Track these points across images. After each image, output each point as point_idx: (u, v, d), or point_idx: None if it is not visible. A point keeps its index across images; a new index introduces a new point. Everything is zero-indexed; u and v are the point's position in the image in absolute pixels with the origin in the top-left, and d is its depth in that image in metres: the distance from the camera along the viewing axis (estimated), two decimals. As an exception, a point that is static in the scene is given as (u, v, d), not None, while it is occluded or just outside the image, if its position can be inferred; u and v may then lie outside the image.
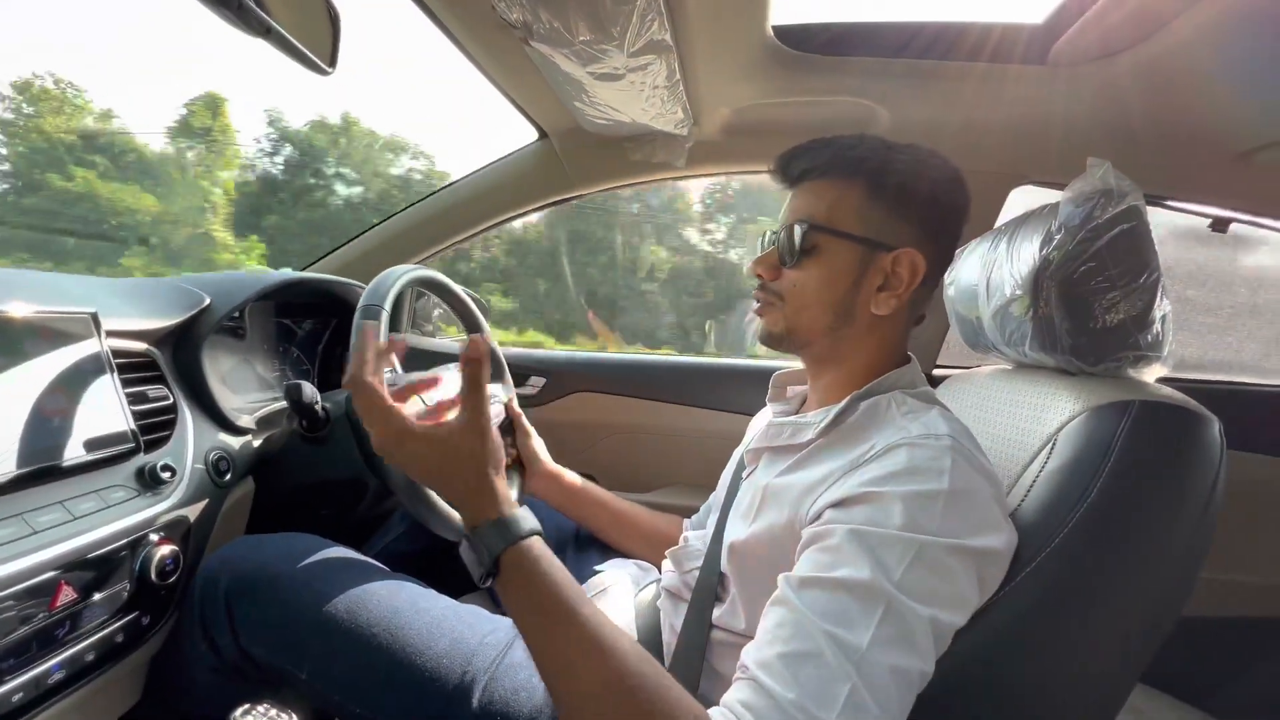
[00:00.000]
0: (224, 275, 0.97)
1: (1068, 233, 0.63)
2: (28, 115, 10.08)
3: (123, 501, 0.62)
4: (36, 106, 10.06)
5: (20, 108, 10.12)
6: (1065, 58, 0.85)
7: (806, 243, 0.63)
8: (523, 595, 0.50)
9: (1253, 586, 1.22)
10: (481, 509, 0.53)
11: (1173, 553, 0.54)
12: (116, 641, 0.60)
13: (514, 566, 0.50)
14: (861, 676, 0.43)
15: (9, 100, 10.12)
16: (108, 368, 0.64)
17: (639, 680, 0.46)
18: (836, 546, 0.49)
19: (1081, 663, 0.55)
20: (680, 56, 0.85)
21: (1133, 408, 0.56)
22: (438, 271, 0.92)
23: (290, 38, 0.57)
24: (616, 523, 0.95)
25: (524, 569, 0.50)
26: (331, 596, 0.65)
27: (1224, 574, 1.18)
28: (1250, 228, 1.22)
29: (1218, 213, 1.18)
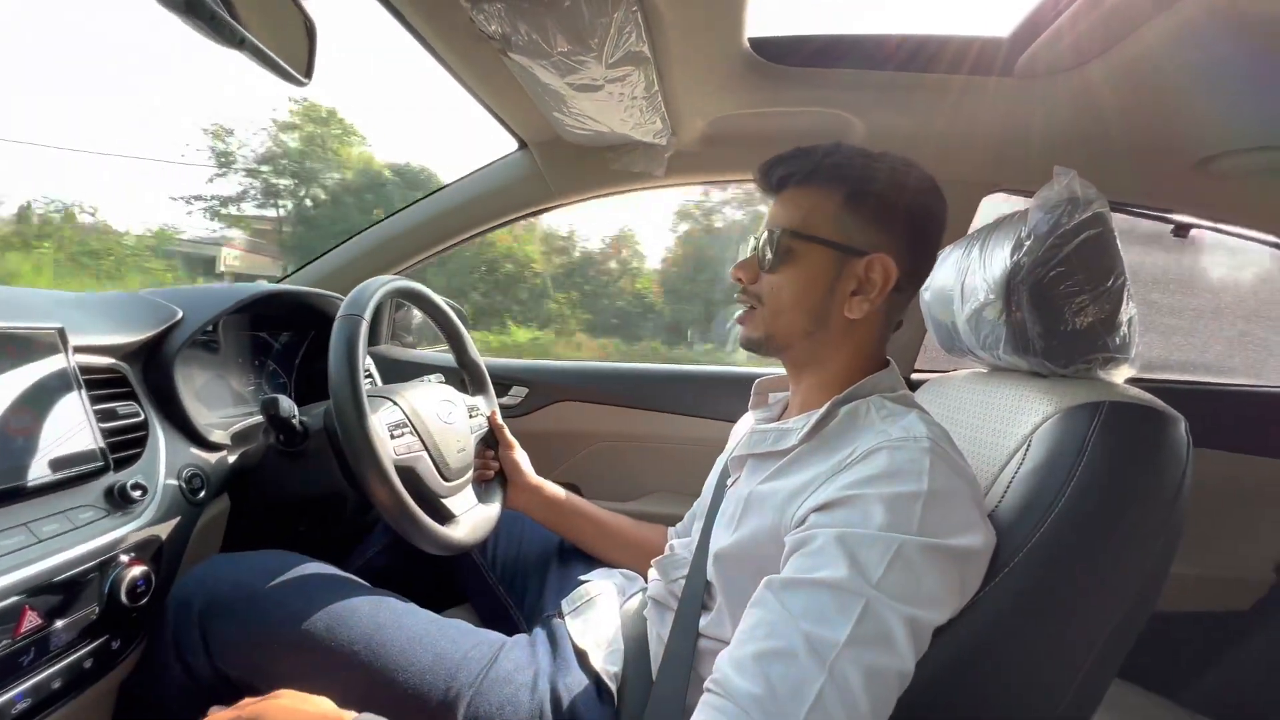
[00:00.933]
0: (197, 288, 0.95)
1: (1037, 239, 0.64)
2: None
3: (91, 522, 0.60)
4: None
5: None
6: (1031, 70, 0.87)
7: (783, 248, 0.64)
8: None
9: (1220, 580, 1.26)
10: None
11: (1146, 548, 0.55)
12: (85, 667, 0.58)
13: None
14: (832, 675, 0.44)
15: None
16: (75, 384, 0.62)
17: None
18: (819, 550, 0.49)
19: (1061, 659, 0.56)
20: (658, 68, 0.86)
21: (1103, 408, 0.58)
22: (417, 282, 0.92)
23: (265, 49, 0.56)
24: (601, 534, 0.95)
25: None
26: (310, 614, 0.63)
27: (1191, 569, 1.21)
28: (1210, 233, 1.26)
29: (1180, 219, 1.22)
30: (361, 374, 0.70)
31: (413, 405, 0.82)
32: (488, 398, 1.04)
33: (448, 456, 0.83)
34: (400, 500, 0.70)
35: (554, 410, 1.36)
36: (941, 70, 0.92)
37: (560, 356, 4.87)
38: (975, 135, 1.06)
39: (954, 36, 0.89)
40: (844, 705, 0.43)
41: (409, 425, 0.80)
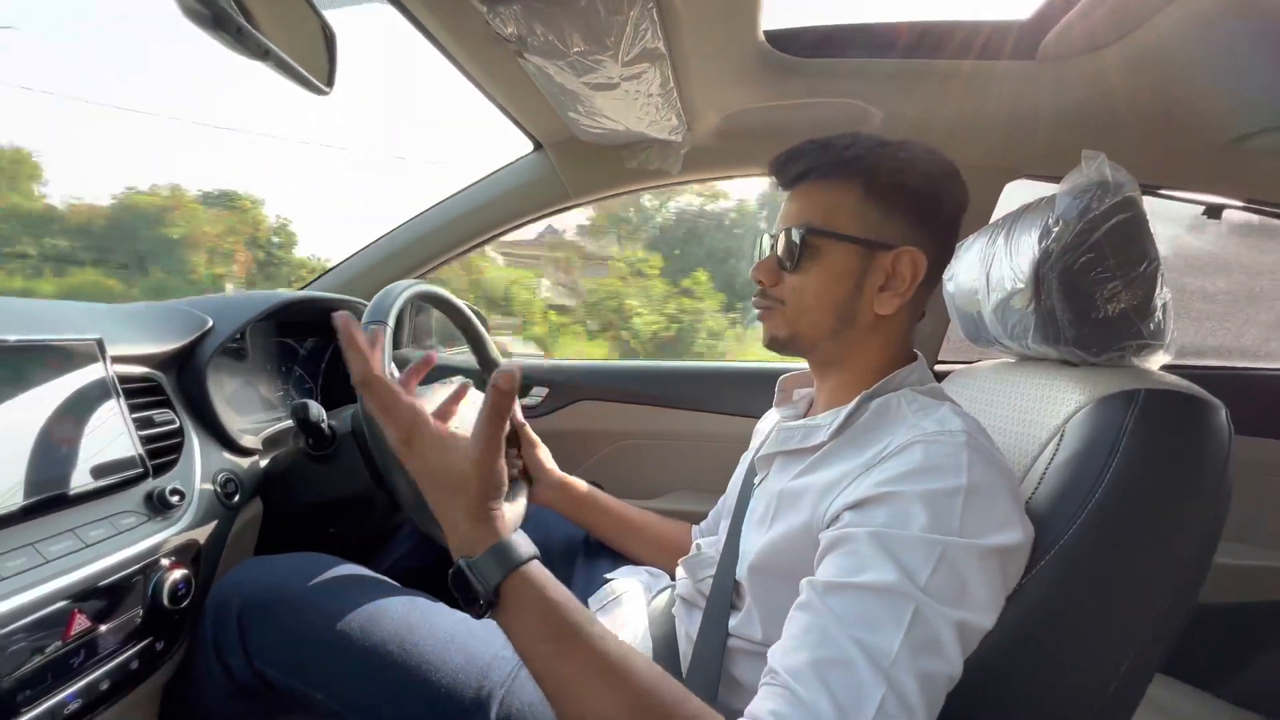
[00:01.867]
0: (224, 297, 0.97)
1: (1066, 225, 0.63)
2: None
3: (133, 527, 0.62)
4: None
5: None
6: (1054, 52, 0.85)
7: (805, 246, 0.63)
8: (527, 624, 0.48)
9: (1262, 571, 1.22)
10: (479, 537, 0.50)
11: (1187, 539, 0.54)
12: (131, 668, 0.60)
13: (516, 595, 0.48)
14: (891, 683, 0.43)
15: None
16: (114, 393, 0.64)
17: (656, 699, 0.45)
18: (859, 550, 0.49)
19: (1101, 654, 0.55)
20: (673, 64, 0.86)
21: (1139, 396, 0.57)
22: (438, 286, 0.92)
23: (288, 59, 0.57)
24: (625, 530, 0.95)
25: (527, 596, 0.48)
26: (344, 615, 0.64)
27: (1234, 559, 1.18)
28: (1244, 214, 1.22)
29: (1211, 200, 1.19)
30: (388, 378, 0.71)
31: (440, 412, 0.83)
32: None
33: None
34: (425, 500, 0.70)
35: (574, 409, 1.37)
36: (960, 55, 0.90)
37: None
38: (996, 121, 1.04)
39: (973, 21, 0.88)
40: (904, 712, 0.43)
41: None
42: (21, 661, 0.49)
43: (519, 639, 0.49)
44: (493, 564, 0.49)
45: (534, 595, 0.48)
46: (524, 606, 0.48)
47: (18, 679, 0.49)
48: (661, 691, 0.46)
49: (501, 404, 0.50)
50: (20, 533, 0.53)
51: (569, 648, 0.47)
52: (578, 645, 0.47)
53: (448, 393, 0.88)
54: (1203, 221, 1.22)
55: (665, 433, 1.36)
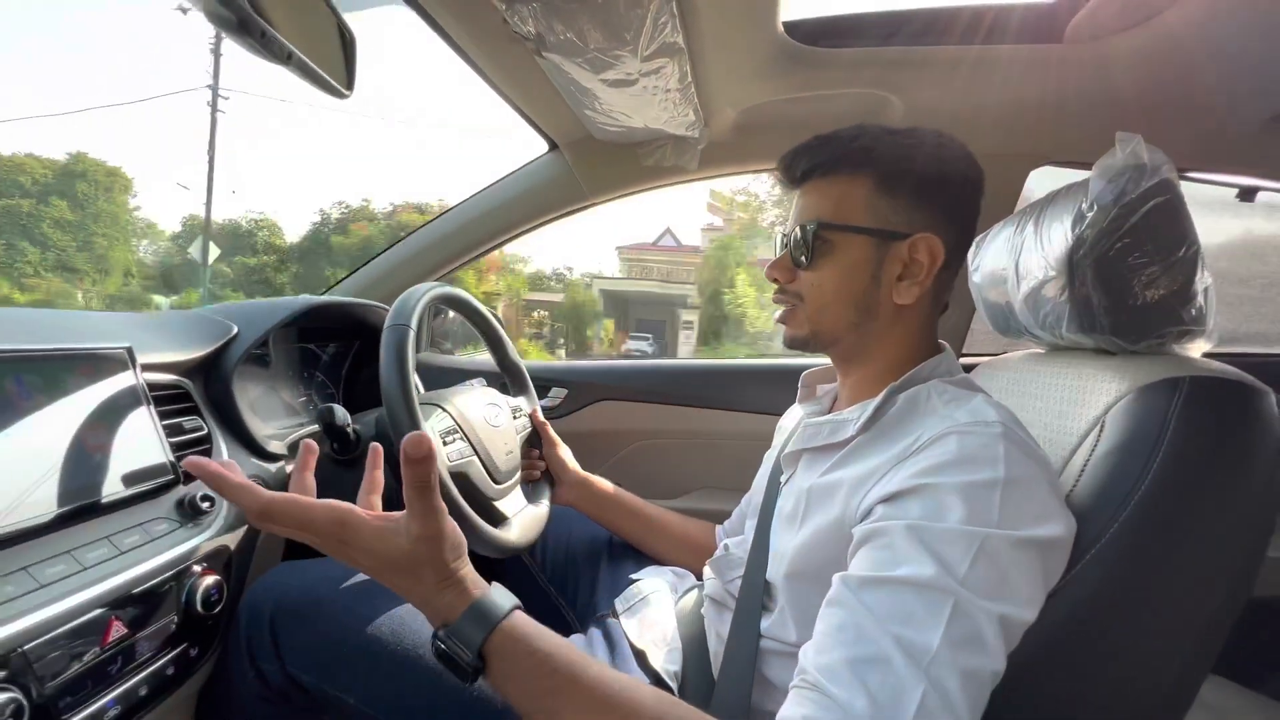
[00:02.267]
0: (247, 304, 0.98)
1: (1100, 210, 0.61)
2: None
3: (166, 534, 0.62)
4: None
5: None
6: (1081, 34, 0.83)
7: (818, 241, 0.62)
8: (520, 681, 0.46)
9: None
10: (451, 604, 0.47)
11: (1239, 532, 0.52)
12: (167, 674, 0.60)
13: (502, 653, 0.46)
14: (932, 681, 0.42)
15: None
16: (144, 400, 0.65)
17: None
18: (894, 544, 0.47)
19: (1150, 652, 0.53)
20: (692, 58, 0.85)
21: (1184, 384, 0.55)
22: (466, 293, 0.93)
23: (310, 62, 0.57)
24: (649, 529, 0.95)
25: (516, 652, 0.46)
26: (375, 619, 0.65)
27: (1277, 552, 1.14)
28: (1279, 195, 1.19)
29: (1245, 181, 1.16)
30: (413, 383, 0.71)
31: (461, 411, 0.83)
32: (529, 398, 1.05)
33: (497, 459, 0.84)
34: (455, 505, 0.70)
35: (594, 410, 1.37)
36: (984, 41, 0.88)
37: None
38: (1021, 106, 1.02)
39: (997, 4, 0.86)
40: (946, 711, 0.41)
41: (459, 431, 0.81)
42: (62, 668, 0.50)
43: (516, 699, 0.47)
44: (471, 626, 0.46)
45: (522, 650, 0.46)
46: (514, 663, 0.46)
47: (58, 686, 0.49)
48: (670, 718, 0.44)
49: (419, 473, 0.45)
50: (56, 541, 0.53)
51: (569, 697, 0.45)
52: (578, 692, 0.45)
53: (469, 396, 0.88)
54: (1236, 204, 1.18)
55: (686, 431, 1.35)
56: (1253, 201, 1.18)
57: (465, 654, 0.45)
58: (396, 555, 0.47)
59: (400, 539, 0.47)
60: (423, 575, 0.47)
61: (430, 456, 0.46)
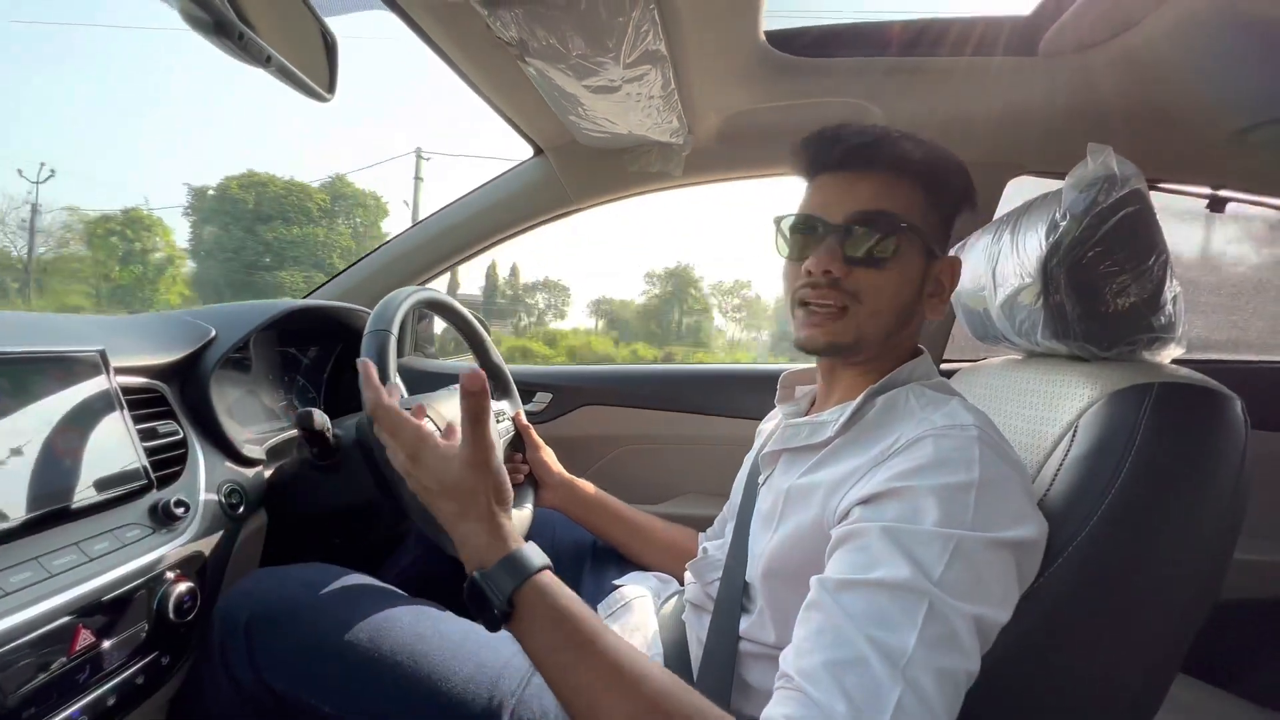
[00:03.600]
0: (227, 306, 0.97)
1: (1073, 219, 0.63)
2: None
3: (137, 540, 0.61)
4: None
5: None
6: (1056, 47, 0.85)
7: (889, 239, 0.59)
8: (542, 634, 0.49)
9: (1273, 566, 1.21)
10: (490, 548, 0.51)
11: (1206, 534, 0.53)
12: (137, 683, 0.59)
13: (530, 605, 0.49)
14: (909, 682, 0.42)
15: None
16: (117, 405, 0.64)
17: (671, 704, 0.45)
18: (870, 546, 0.48)
19: (1121, 652, 0.54)
20: (675, 65, 0.85)
21: (1153, 390, 0.56)
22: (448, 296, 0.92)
23: (290, 65, 0.57)
24: (633, 534, 0.95)
25: (541, 606, 0.49)
26: (352, 625, 0.64)
27: (1249, 554, 1.17)
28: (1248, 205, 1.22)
29: (1214, 193, 1.18)
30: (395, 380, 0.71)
31: (443, 415, 0.82)
32: (512, 401, 1.04)
33: None
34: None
35: (579, 415, 1.36)
36: (963, 53, 0.90)
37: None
38: (999, 118, 1.04)
39: (975, 17, 0.88)
40: (922, 712, 0.42)
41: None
42: (26, 678, 0.49)
43: (534, 649, 0.49)
44: (506, 575, 0.50)
45: (548, 605, 0.49)
46: (538, 616, 0.49)
47: (22, 696, 0.48)
48: (676, 697, 0.46)
49: (475, 405, 0.52)
50: (23, 547, 0.52)
51: (584, 656, 0.47)
52: (593, 654, 0.47)
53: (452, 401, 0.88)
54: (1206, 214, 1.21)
55: (670, 436, 1.35)
56: (1222, 212, 1.21)
57: (498, 598, 0.49)
58: (452, 479, 0.52)
59: (456, 464, 0.53)
60: (470, 506, 0.53)
61: (484, 390, 0.52)
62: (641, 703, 0.45)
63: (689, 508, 1.31)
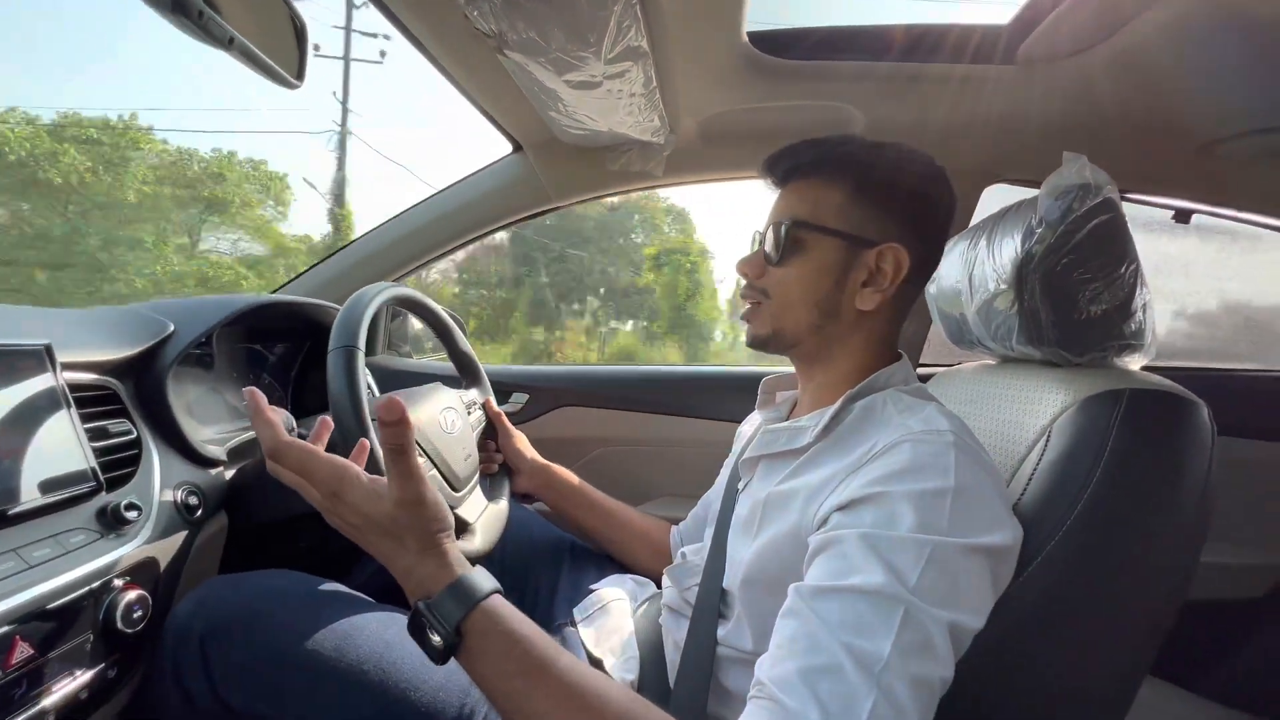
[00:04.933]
0: (189, 301, 0.93)
1: (1048, 227, 0.63)
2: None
3: (83, 545, 0.57)
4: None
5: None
6: (1033, 56, 0.86)
7: (790, 240, 0.63)
8: (493, 662, 0.47)
9: (1241, 569, 1.24)
10: (433, 577, 0.49)
11: (1176, 537, 0.54)
12: (81, 699, 0.56)
13: (479, 632, 0.47)
14: (883, 690, 0.42)
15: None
16: (64, 403, 0.60)
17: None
18: (848, 553, 0.48)
19: (1093, 655, 0.54)
20: (657, 63, 0.85)
21: (1125, 396, 0.57)
22: (412, 289, 0.89)
23: (255, 49, 0.54)
24: (606, 523, 0.94)
25: (492, 632, 0.47)
26: (317, 633, 0.61)
27: (1213, 557, 1.20)
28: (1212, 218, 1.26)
29: (1181, 204, 1.22)
30: (367, 411, 0.67)
31: (416, 423, 0.80)
32: (482, 388, 1.02)
33: (455, 467, 0.81)
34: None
35: (556, 416, 1.35)
36: (942, 60, 0.91)
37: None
38: (977, 125, 1.05)
39: (954, 25, 0.89)
40: (895, 719, 0.41)
41: (416, 445, 0.77)
42: (-45, 695, 0.45)
43: (485, 679, 0.47)
44: (452, 602, 0.47)
45: (499, 631, 0.47)
46: (489, 643, 0.47)
47: None
48: (636, 714, 0.45)
49: (394, 436, 0.48)
50: None
51: (539, 683, 0.46)
52: (548, 679, 0.45)
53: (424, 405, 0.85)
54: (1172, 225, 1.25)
55: (648, 438, 1.34)
56: (1188, 223, 1.24)
57: (443, 628, 0.46)
58: (381, 518, 0.49)
59: (385, 503, 0.49)
60: (406, 541, 0.49)
61: (404, 420, 0.47)
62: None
63: (667, 509, 1.30)
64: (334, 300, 1.10)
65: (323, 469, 0.50)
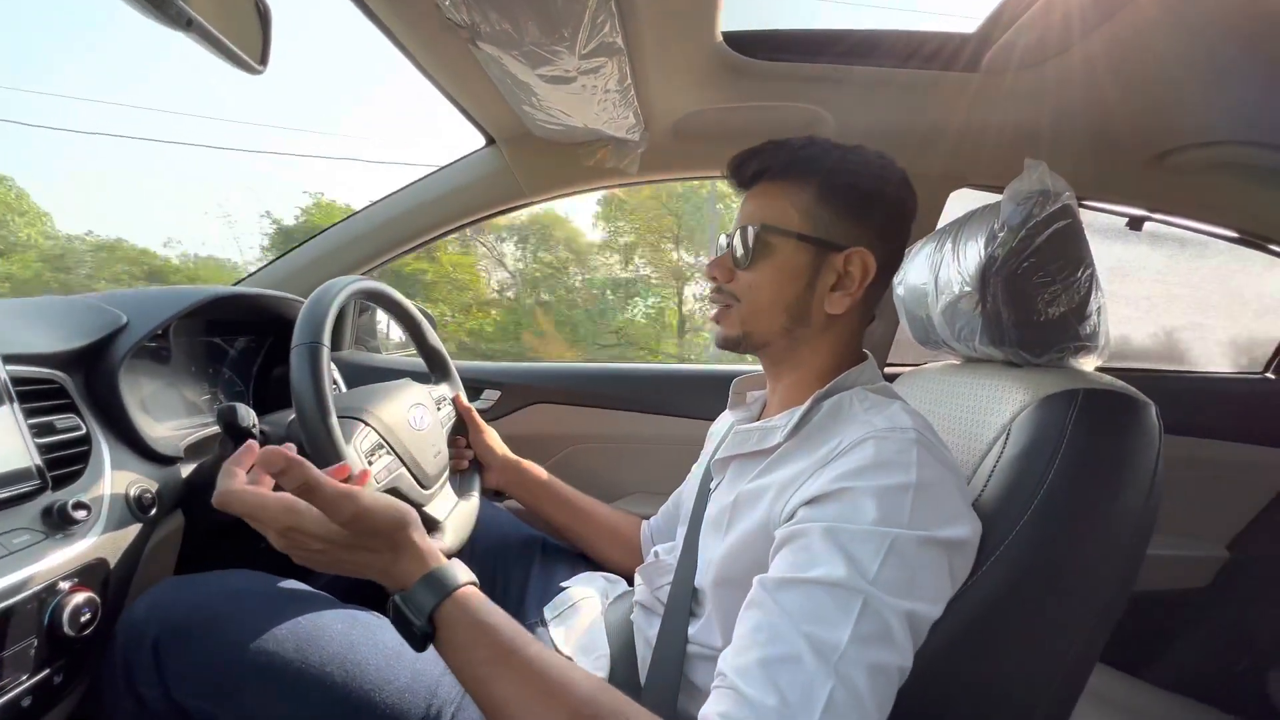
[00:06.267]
0: (144, 291, 0.89)
1: (1010, 231, 0.65)
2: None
3: (27, 547, 0.55)
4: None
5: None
6: (996, 65, 0.89)
7: (759, 244, 0.64)
8: (464, 648, 0.48)
9: (1184, 560, 1.31)
10: (407, 572, 0.50)
11: (1125, 531, 0.56)
12: (22, 706, 0.53)
13: (450, 621, 0.48)
14: (840, 678, 0.43)
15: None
16: (5, 398, 0.57)
17: (598, 708, 0.45)
18: (811, 545, 0.49)
19: (1049, 644, 0.56)
20: (631, 60, 0.84)
21: (1079, 396, 0.59)
22: (381, 283, 0.88)
23: (215, 32, 0.52)
24: (576, 517, 0.95)
25: (463, 621, 0.48)
26: (278, 635, 0.59)
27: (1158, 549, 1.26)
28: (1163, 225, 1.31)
29: (1135, 212, 1.27)
30: (332, 410, 0.66)
31: (384, 421, 0.78)
32: (452, 383, 1.01)
33: (424, 464, 0.80)
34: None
35: (528, 413, 1.34)
36: (911, 65, 0.93)
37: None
38: (943, 130, 1.08)
39: (923, 32, 0.91)
40: (852, 707, 0.43)
41: (384, 444, 0.76)
42: (-116, 705, 0.43)
43: (457, 665, 0.49)
44: (425, 593, 0.49)
45: (469, 620, 0.48)
46: (460, 631, 0.48)
47: None
48: (600, 702, 0.46)
49: (290, 481, 0.49)
50: None
51: (506, 668, 0.47)
52: (515, 665, 0.47)
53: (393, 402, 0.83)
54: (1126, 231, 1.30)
55: (620, 436, 1.34)
56: (1140, 230, 1.29)
57: (417, 619, 0.48)
58: (338, 536, 0.50)
59: (334, 527, 0.50)
60: (372, 547, 0.51)
61: (291, 463, 0.48)
62: (564, 711, 0.45)
63: (639, 506, 1.30)
64: (299, 294, 1.07)
65: (271, 509, 0.50)
